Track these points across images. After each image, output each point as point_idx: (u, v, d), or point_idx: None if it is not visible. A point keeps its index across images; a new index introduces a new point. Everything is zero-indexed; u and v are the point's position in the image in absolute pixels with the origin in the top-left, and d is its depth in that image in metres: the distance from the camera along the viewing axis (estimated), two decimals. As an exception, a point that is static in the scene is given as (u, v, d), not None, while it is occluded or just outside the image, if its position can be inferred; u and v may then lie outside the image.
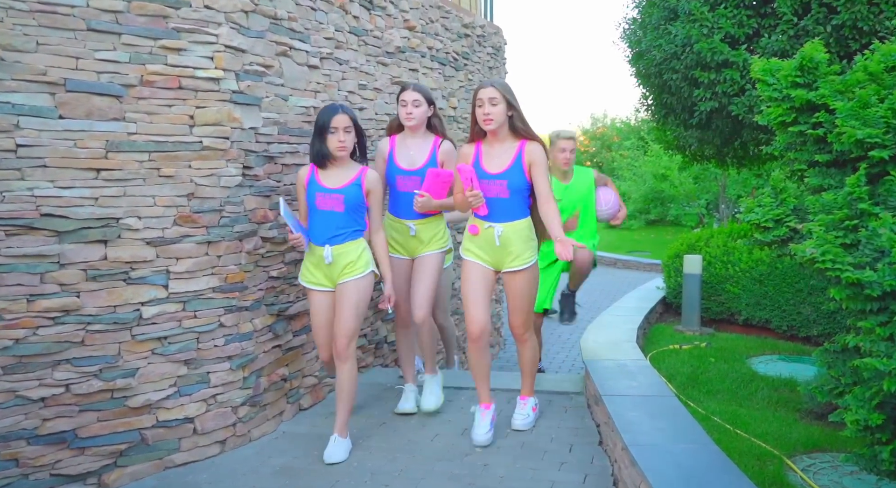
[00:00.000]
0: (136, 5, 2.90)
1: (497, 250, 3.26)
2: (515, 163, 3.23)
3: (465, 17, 6.19)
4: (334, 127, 3.18)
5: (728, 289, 6.05)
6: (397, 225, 3.69)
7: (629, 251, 16.00)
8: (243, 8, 3.22)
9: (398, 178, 3.63)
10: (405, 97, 3.59)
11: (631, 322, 5.28)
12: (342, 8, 4.13)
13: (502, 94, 3.19)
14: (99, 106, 2.86)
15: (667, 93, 6.00)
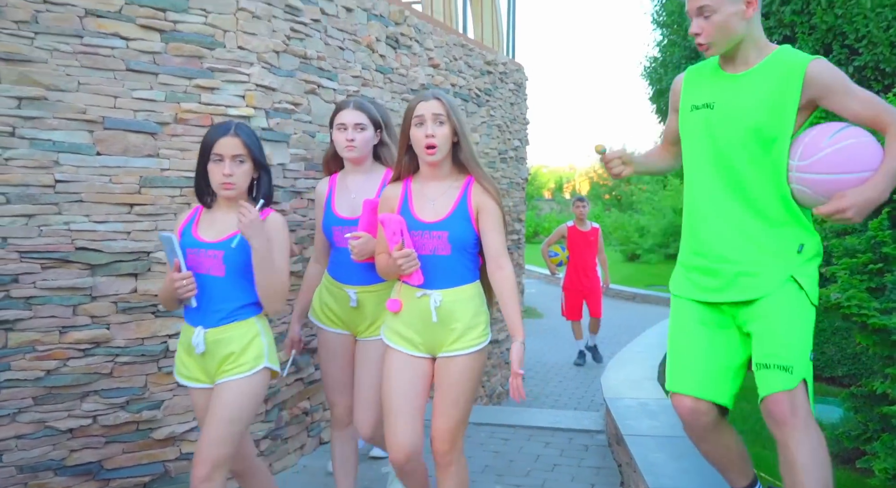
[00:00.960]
0: (172, 46, 3.00)
1: (433, 328, 2.26)
2: (459, 208, 2.27)
3: (488, 55, 6.30)
4: (218, 153, 2.20)
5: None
6: (335, 290, 2.69)
7: (648, 285, 15.87)
8: (275, 48, 3.32)
9: (335, 230, 2.64)
10: (343, 118, 2.63)
11: (652, 358, 5.24)
12: (369, 47, 4.23)
13: (449, 110, 2.26)
14: (134, 143, 2.95)
15: (688, 130, 6.04)
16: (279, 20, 3.34)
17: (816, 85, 1.98)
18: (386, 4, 4.41)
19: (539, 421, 4.21)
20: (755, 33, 2.07)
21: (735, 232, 2.07)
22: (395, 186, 2.40)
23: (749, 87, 2.05)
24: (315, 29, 3.66)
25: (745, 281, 2.04)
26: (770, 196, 2.04)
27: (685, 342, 2.14)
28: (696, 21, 2.02)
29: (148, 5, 2.93)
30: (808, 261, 2.04)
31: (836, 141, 1.94)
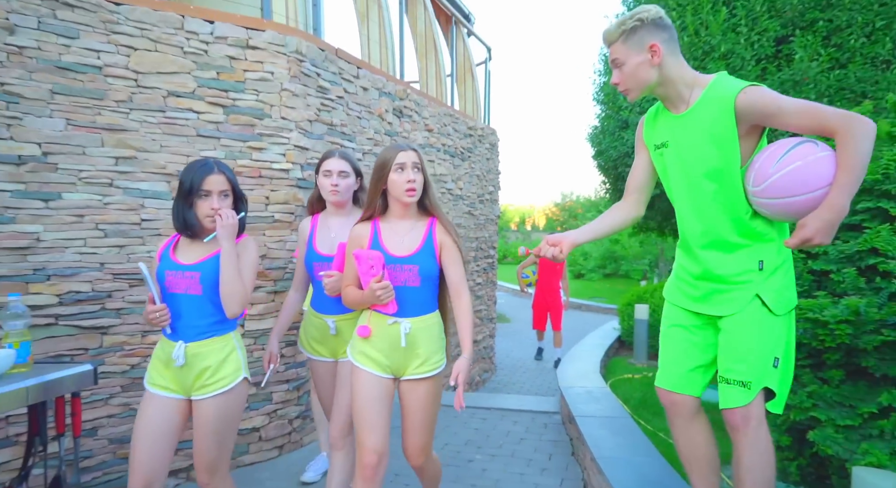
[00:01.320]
0: (232, 118, 3.05)
1: (401, 353, 2.02)
2: (427, 244, 2.06)
3: (469, 122, 6.41)
4: (206, 190, 1.93)
5: (669, 332, 6.07)
6: (316, 321, 2.40)
7: (590, 297, 15.98)
8: (308, 118, 3.38)
9: (315, 266, 2.37)
10: (330, 166, 2.38)
11: (595, 356, 5.28)
12: (380, 117, 4.31)
13: (423, 161, 2.08)
14: (201, 189, 2.98)
15: (621, 181, 6.15)
16: (312, 97, 3.41)
17: (749, 113, 1.70)
18: (394, 85, 4.50)
19: (509, 404, 4.22)
20: (675, 74, 1.78)
21: (704, 255, 1.85)
22: (363, 226, 2.08)
23: (690, 125, 1.80)
24: (339, 103, 3.73)
25: (717, 298, 1.82)
26: (726, 222, 1.78)
27: (670, 342, 1.95)
28: (614, 72, 1.84)
29: (214, 87, 2.99)
30: (772, 275, 1.76)
31: (782, 165, 1.64)
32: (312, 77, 3.38)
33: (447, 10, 6.76)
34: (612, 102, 5.91)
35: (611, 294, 16.96)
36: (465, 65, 7.28)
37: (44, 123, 2.54)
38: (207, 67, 2.98)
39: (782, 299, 1.75)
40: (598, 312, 13.48)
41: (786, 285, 1.77)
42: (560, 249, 1.90)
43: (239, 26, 3.07)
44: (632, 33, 1.75)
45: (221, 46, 3.03)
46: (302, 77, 3.28)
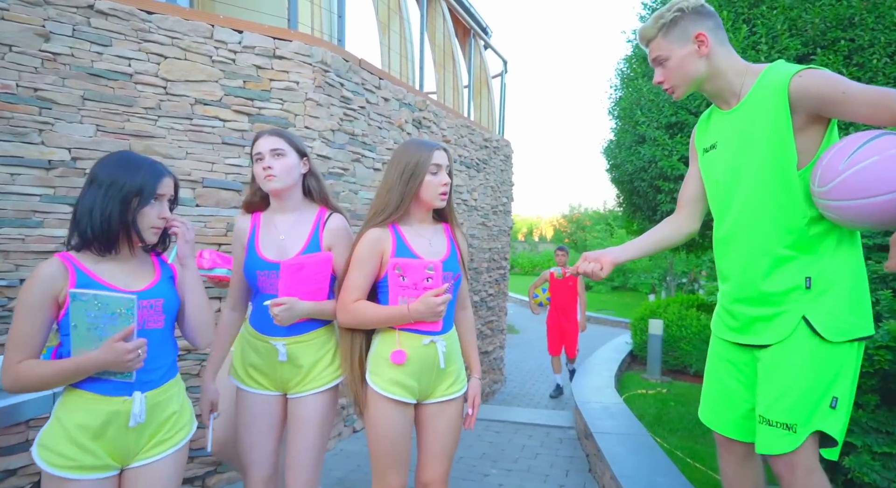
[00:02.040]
0: (257, 126, 3.05)
1: (435, 374, 1.82)
2: (453, 249, 1.87)
3: (485, 133, 6.41)
4: (161, 194, 1.51)
5: (682, 347, 6.00)
6: (259, 344, 1.89)
7: (598, 309, 15.88)
8: (331, 128, 3.38)
9: (260, 276, 1.86)
10: (259, 148, 1.86)
11: (608, 370, 5.22)
12: (400, 127, 4.31)
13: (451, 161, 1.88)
14: (224, 198, 2.98)
15: (636, 195, 6.12)
16: (336, 107, 3.42)
17: (806, 100, 1.45)
18: (413, 96, 4.50)
19: (524, 417, 4.18)
20: (724, 66, 1.61)
21: (746, 273, 1.61)
22: (381, 230, 1.79)
23: (742, 121, 1.60)
24: (361, 113, 3.73)
25: (759, 326, 1.57)
26: (774, 231, 1.54)
27: (715, 377, 1.71)
28: (657, 71, 1.67)
29: (241, 96, 3.00)
30: (823, 294, 1.48)
31: (855, 161, 1.37)
32: (336, 87, 3.38)
33: (465, 23, 6.79)
34: (628, 117, 5.89)
35: (619, 307, 16.86)
36: (482, 77, 7.30)
37: (74, 129, 2.55)
38: (235, 76, 2.99)
39: (839, 324, 1.47)
40: (607, 325, 13.39)
41: (847, 307, 1.48)
42: (600, 266, 1.74)
43: (266, 36, 3.08)
44: (672, 25, 1.60)
45: (249, 56, 3.04)
46: (326, 87, 3.28)
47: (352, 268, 1.79)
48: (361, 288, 1.79)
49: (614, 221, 21.92)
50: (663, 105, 5.26)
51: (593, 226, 26.17)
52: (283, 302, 1.76)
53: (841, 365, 1.46)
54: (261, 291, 1.87)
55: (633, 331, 6.77)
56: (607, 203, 24.52)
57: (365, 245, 1.77)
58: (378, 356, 1.79)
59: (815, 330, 1.46)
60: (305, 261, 1.81)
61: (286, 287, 1.80)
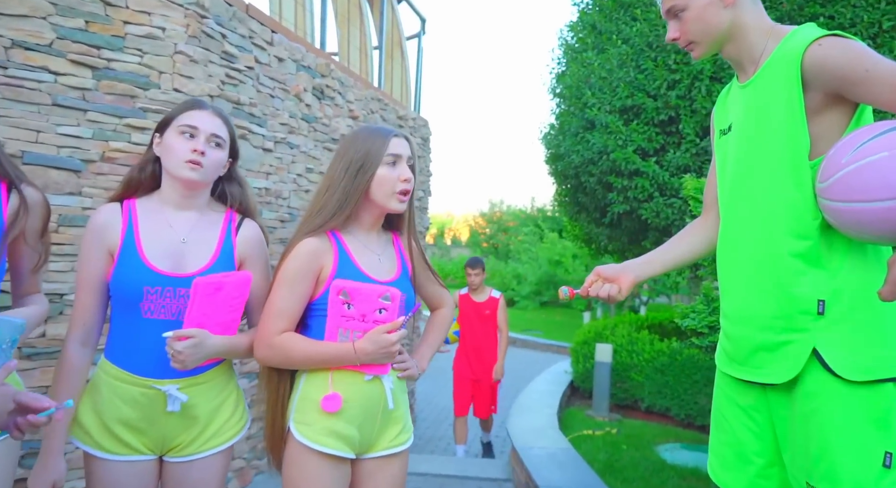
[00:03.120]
0: (105, 84, 2.78)
1: (379, 420, 1.74)
2: (403, 267, 1.81)
3: (400, 110, 6.32)
4: None
5: (633, 377, 6.23)
6: (134, 390, 1.68)
7: (523, 330, 16.28)
8: (210, 93, 3.15)
9: (147, 292, 1.66)
10: (197, 120, 1.72)
11: (549, 406, 5.31)
12: (297, 96, 4.12)
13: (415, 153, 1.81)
14: (55, 179, 2.67)
15: (581, 193, 6.30)
16: (216, 65, 3.19)
17: (823, 76, 1.42)
18: (314, 57, 4.33)
19: (448, 469, 4.13)
20: (749, 21, 1.58)
21: (750, 287, 1.56)
22: (318, 240, 1.69)
23: (756, 98, 1.57)
24: (248, 76, 3.52)
25: (761, 357, 1.53)
26: (782, 235, 1.50)
27: (721, 425, 1.68)
28: (671, 24, 1.64)
29: (81, 41, 2.71)
30: (838, 323, 1.43)
31: (859, 155, 1.33)
32: (217, 39, 3.16)
33: (376, -32, 6.68)
34: (574, 98, 6.04)
35: (547, 326, 17.38)
36: (395, 37, 7.21)
37: None
38: (73, 13, 2.70)
39: (861, 359, 1.42)
40: (537, 349, 13.75)
41: (872, 339, 1.43)
42: (619, 288, 1.70)
43: (120, -38, 2.82)
44: None
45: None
46: (203, 38, 3.05)
47: (278, 289, 1.66)
48: (290, 315, 1.67)
49: (544, 223, 22.64)
50: (617, 85, 5.45)
51: (518, 227, 26.89)
52: (191, 335, 1.58)
53: (886, 410, 1.40)
54: (142, 316, 1.66)
55: (573, 358, 6.95)
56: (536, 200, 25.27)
57: (299, 259, 1.65)
58: (306, 400, 1.67)
59: (828, 366, 1.42)
60: (224, 281, 1.64)
61: (198, 314, 1.62)
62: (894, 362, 1.42)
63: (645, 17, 5.40)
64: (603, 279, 1.74)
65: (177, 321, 1.68)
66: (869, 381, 1.41)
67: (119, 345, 1.70)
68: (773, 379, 1.51)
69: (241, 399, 1.86)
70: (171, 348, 1.57)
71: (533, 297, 20.65)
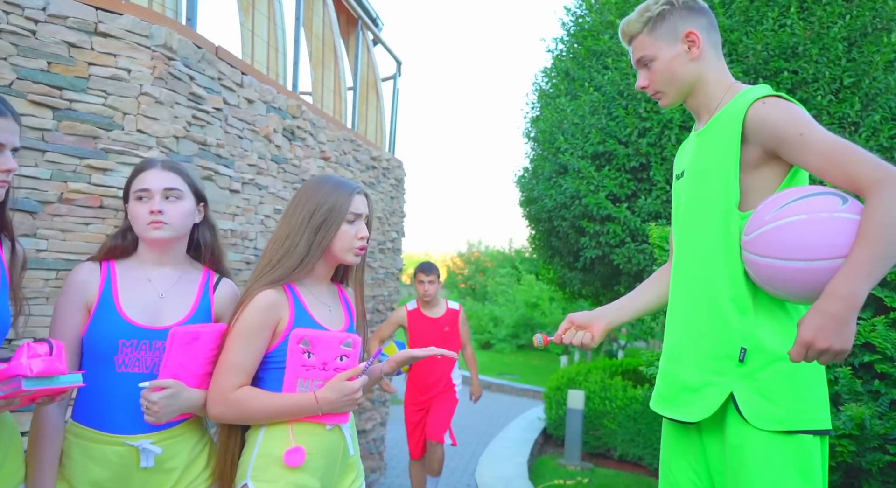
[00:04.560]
0: (66, 125, 2.77)
1: (342, 467, 1.79)
2: (350, 316, 1.90)
3: (374, 151, 6.37)
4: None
5: (605, 425, 6.20)
6: (106, 450, 1.68)
7: (500, 374, 16.17)
8: (175, 134, 3.16)
9: (124, 347, 1.70)
10: (147, 182, 1.77)
11: (520, 455, 5.27)
12: (266, 137, 4.14)
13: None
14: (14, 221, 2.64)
15: (554, 237, 6.35)
16: (182, 107, 3.20)
17: (760, 133, 1.52)
18: (285, 98, 4.37)
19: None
20: (711, 75, 1.69)
21: (688, 327, 1.64)
22: (275, 292, 1.71)
23: (703, 145, 1.67)
24: (216, 117, 3.53)
25: (685, 396, 1.60)
26: (715, 279, 1.58)
27: (665, 475, 1.73)
28: (641, 73, 1.74)
29: (43, 82, 2.71)
30: (760, 370, 1.50)
31: (781, 215, 1.42)
32: (184, 81, 3.18)
33: (351, 10, 6.81)
34: (548, 142, 6.14)
35: (524, 370, 17.28)
36: (370, 78, 7.31)
37: None
38: (34, 54, 2.71)
39: (775, 410, 1.48)
40: (511, 393, 13.66)
41: (790, 391, 1.50)
42: (591, 335, 1.78)
43: (86, 4, 2.84)
44: (660, 20, 1.68)
45: (57, 28, 2.77)
46: (170, 79, 3.07)
47: (233, 343, 1.67)
48: (246, 369, 1.68)
49: (521, 264, 22.73)
50: (589, 131, 5.56)
51: (497, 268, 26.96)
52: (167, 385, 1.60)
53: (808, 461, 1.46)
54: (115, 370, 1.68)
55: (546, 404, 6.91)
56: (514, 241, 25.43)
57: (255, 312, 1.67)
58: (266, 456, 1.66)
59: (741, 413, 1.49)
60: (201, 331, 1.68)
61: (174, 365, 1.64)
62: (808, 415, 1.50)
63: (616, 66, 5.54)
64: (576, 326, 1.81)
65: (151, 374, 1.70)
66: (785, 431, 1.47)
67: (89, 404, 1.71)
68: (688, 417, 1.58)
69: (213, 453, 1.86)
70: (146, 399, 1.60)
71: (510, 340, 20.59)
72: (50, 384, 1.36)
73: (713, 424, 1.61)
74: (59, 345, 1.41)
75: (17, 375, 1.32)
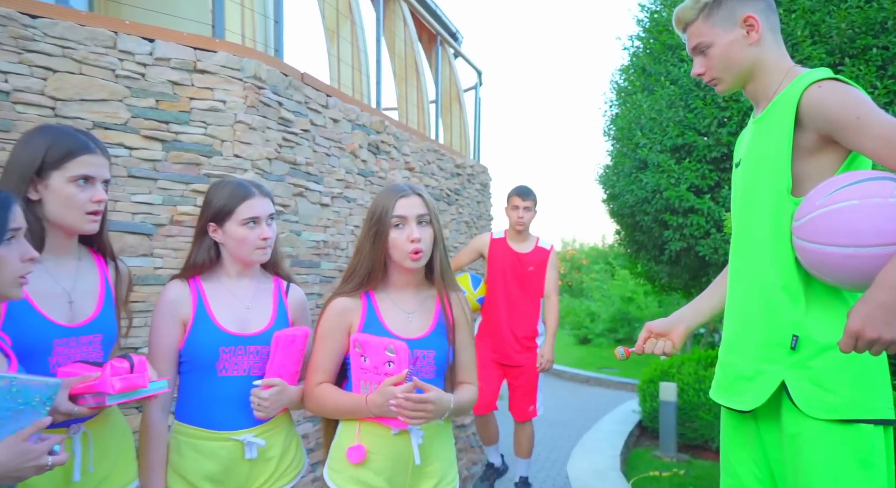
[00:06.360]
0: (173, 155, 2.99)
1: (409, 474, 1.74)
2: (440, 322, 1.83)
3: (457, 159, 6.44)
4: (15, 228, 1.38)
5: (702, 416, 5.96)
6: (213, 445, 1.83)
7: (599, 368, 15.84)
8: (267, 156, 3.33)
9: (224, 353, 1.85)
10: (257, 210, 1.86)
11: (613, 447, 5.15)
12: (353, 153, 4.29)
13: (431, 207, 1.84)
14: (130, 244, 2.88)
15: (638, 231, 6.19)
16: (273, 131, 3.38)
17: (816, 117, 1.44)
18: (369, 116, 4.51)
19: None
20: (770, 60, 1.62)
21: (743, 316, 1.59)
22: (351, 300, 1.79)
23: (759, 132, 1.61)
24: (304, 138, 3.70)
25: (741, 385, 1.56)
26: (768, 266, 1.52)
27: (725, 466, 1.68)
28: (696, 60, 1.68)
29: (152, 118, 2.94)
30: (813, 358, 1.44)
31: (831, 200, 1.35)
32: (273, 107, 3.35)
33: (431, 28, 6.91)
34: (626, 139, 6.00)
35: (624, 364, 16.88)
36: (452, 91, 7.40)
37: (-67, 161, 2.44)
38: (144, 94, 2.94)
39: (830, 397, 1.41)
40: (609, 387, 13.35)
41: (845, 379, 1.42)
42: (672, 343, 1.74)
43: (185, 46, 3.05)
44: (717, 6, 1.62)
45: (163, 69, 3.00)
46: (261, 107, 3.25)
47: (316, 345, 1.81)
48: (325, 369, 1.80)
49: (615, 260, 22.18)
50: (667, 124, 5.38)
51: (591, 265, 26.48)
52: (275, 383, 1.75)
53: (868, 450, 1.37)
54: (218, 374, 1.83)
55: (641, 397, 6.72)
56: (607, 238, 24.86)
57: (328, 318, 1.78)
58: (338, 448, 1.77)
59: (794, 402, 1.43)
60: (296, 334, 1.82)
61: (277, 365, 1.79)
62: (866, 403, 1.42)
63: (692, 58, 5.33)
64: (655, 335, 1.78)
65: (247, 376, 1.87)
66: (841, 420, 1.41)
67: (195, 405, 1.87)
68: (743, 405, 1.54)
69: (299, 442, 2.04)
70: (258, 396, 1.75)
71: (607, 335, 20.12)
72: (132, 396, 1.52)
73: (769, 413, 1.56)
74: (141, 361, 1.55)
75: (102, 391, 1.47)
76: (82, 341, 1.65)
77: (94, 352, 1.68)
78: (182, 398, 1.91)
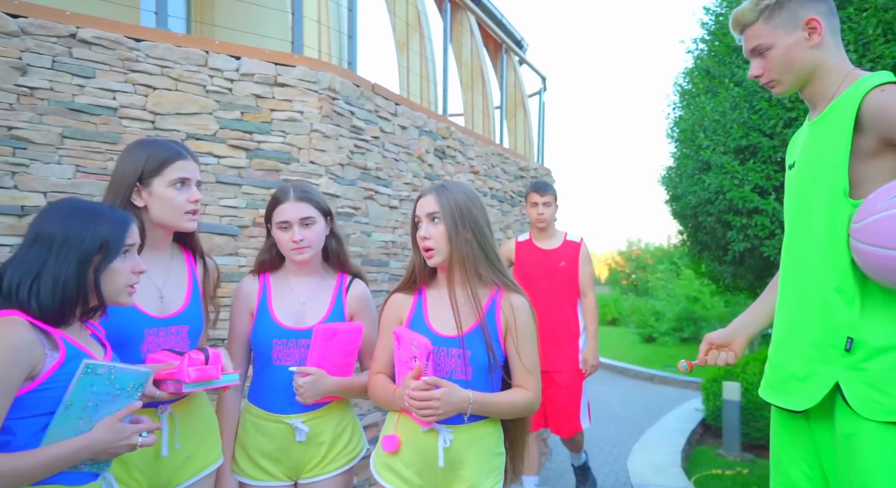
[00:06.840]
0: (255, 162, 3.15)
1: (437, 473, 1.71)
2: (487, 322, 1.74)
3: (521, 162, 6.45)
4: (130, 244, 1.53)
5: (766, 416, 5.77)
6: (269, 426, 1.94)
7: (664, 366, 15.45)
8: (340, 162, 3.46)
9: (277, 345, 1.94)
10: (286, 215, 1.94)
11: (674, 444, 5.06)
12: (420, 158, 4.38)
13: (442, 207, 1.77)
14: (218, 244, 3.05)
15: (702, 232, 6.04)
16: (345, 138, 3.50)
17: (878, 121, 1.41)
18: (435, 122, 4.59)
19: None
20: (830, 63, 1.57)
21: (795, 316, 1.56)
22: (404, 296, 1.84)
23: (816, 134, 1.57)
24: (374, 145, 3.81)
25: (792, 385, 1.52)
26: (822, 267, 1.49)
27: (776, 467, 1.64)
28: (754, 62, 1.63)
29: (238, 129, 3.11)
30: (868, 360, 1.40)
31: (894, 204, 1.34)
32: (346, 116, 3.48)
33: (497, 37, 6.95)
34: (689, 141, 5.86)
35: (689, 363, 16.39)
36: (517, 96, 7.40)
37: (51, 170, 2.67)
38: (231, 107, 3.11)
39: (886, 399, 1.38)
40: (673, 386, 13.01)
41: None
42: (734, 354, 1.72)
43: (267, 62, 3.21)
44: (778, 8, 1.58)
45: (247, 84, 3.16)
46: (334, 116, 3.37)
47: (377, 338, 1.91)
48: (381, 360, 1.87)
49: (680, 260, 21.56)
50: (731, 126, 5.24)
51: (656, 264, 25.83)
52: (310, 372, 1.83)
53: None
54: (273, 363, 1.95)
55: (704, 396, 6.56)
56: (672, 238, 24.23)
57: (384, 313, 1.88)
58: (383, 433, 1.84)
59: (847, 403, 1.40)
60: (339, 329, 1.90)
61: (318, 356, 1.87)
62: None
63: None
64: (716, 347, 1.75)
65: (299, 365, 1.95)
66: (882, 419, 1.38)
67: (258, 389, 2.03)
68: (795, 405, 1.50)
69: (357, 429, 2.10)
70: (296, 382, 1.86)
71: (672, 334, 19.59)
72: (206, 386, 1.63)
73: (822, 413, 1.52)
74: (216, 354, 1.66)
75: (179, 380, 1.60)
76: (171, 331, 1.77)
77: (181, 341, 1.80)
78: (252, 381, 2.06)
